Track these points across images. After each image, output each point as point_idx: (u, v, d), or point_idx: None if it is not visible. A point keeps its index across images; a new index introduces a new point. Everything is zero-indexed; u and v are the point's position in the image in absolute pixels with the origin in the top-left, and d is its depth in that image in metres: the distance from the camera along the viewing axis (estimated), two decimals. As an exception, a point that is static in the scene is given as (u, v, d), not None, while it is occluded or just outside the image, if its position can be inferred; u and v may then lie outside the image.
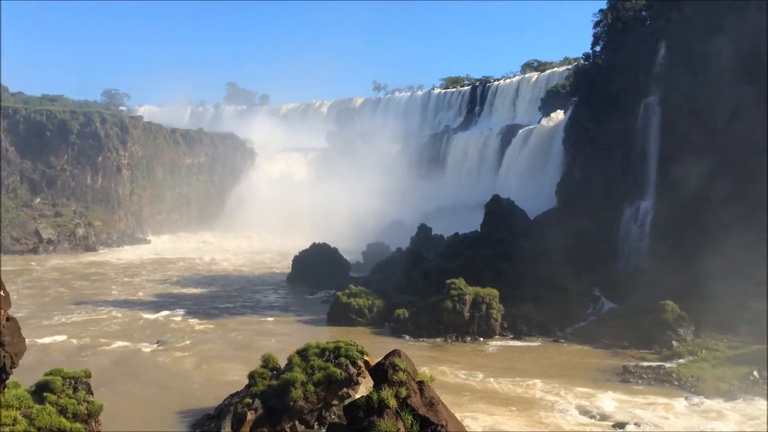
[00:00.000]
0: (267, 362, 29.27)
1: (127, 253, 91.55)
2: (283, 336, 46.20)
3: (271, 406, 26.89)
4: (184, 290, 64.11)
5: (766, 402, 32.72)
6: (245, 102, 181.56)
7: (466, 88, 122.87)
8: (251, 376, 28.50)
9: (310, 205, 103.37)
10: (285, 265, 74.37)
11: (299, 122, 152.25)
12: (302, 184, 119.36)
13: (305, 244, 70.91)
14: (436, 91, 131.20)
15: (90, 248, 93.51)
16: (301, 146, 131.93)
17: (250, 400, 27.05)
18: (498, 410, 31.61)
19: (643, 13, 64.97)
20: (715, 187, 51.06)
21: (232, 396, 29.10)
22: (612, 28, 66.34)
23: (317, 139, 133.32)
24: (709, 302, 44.44)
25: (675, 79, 56.39)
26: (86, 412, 22.29)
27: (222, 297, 60.83)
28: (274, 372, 28.69)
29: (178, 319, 51.60)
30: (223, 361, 39.88)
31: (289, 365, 28.29)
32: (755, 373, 35.49)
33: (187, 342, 44.61)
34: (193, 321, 50.77)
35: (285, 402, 26.65)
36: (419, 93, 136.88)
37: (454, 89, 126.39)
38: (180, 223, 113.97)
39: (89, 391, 23.84)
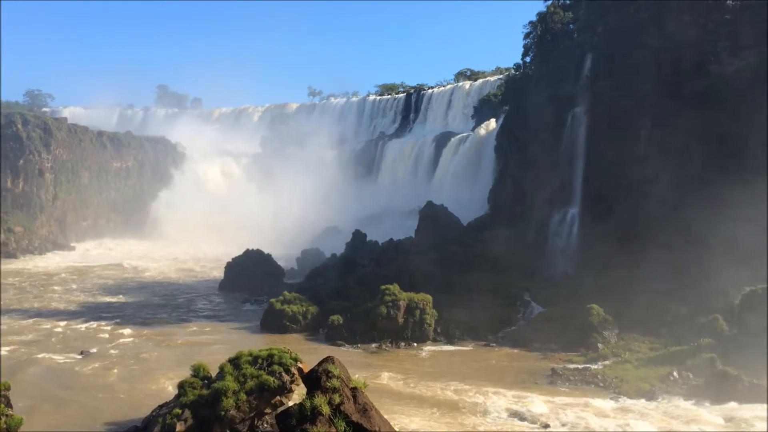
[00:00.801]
0: (197, 371, 28.62)
1: (50, 261, 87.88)
2: (214, 344, 45.33)
3: (201, 417, 26.31)
4: (112, 298, 62.06)
5: (684, 401, 34.28)
6: (176, 105, 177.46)
7: (400, 95, 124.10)
8: (181, 385, 27.80)
9: (244, 211, 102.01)
10: (217, 272, 73.04)
11: (232, 127, 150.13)
12: (235, 189, 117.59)
13: (238, 251, 69.87)
14: (371, 97, 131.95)
15: (10, 255, 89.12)
16: (234, 151, 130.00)
17: (180, 411, 26.39)
18: (430, 414, 31.95)
19: (571, 26, 67.29)
20: (637, 195, 53.25)
21: (160, 407, 28.31)
22: (541, 40, 68.42)
23: (251, 144, 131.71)
24: (632, 306, 46.26)
25: (600, 90, 58.55)
26: (5, 427, 21.29)
27: (151, 305, 59.17)
28: (205, 381, 28.09)
29: (106, 328, 49.89)
30: (152, 371, 38.79)
31: (221, 374, 27.76)
32: (675, 373, 37.09)
33: (115, 352, 43.19)
34: (120, 330, 49.17)
35: (216, 412, 26.13)
36: (354, 99, 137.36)
37: (389, 96, 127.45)
38: (107, 229, 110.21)
39: (8, 405, 22.79)
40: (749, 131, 48.60)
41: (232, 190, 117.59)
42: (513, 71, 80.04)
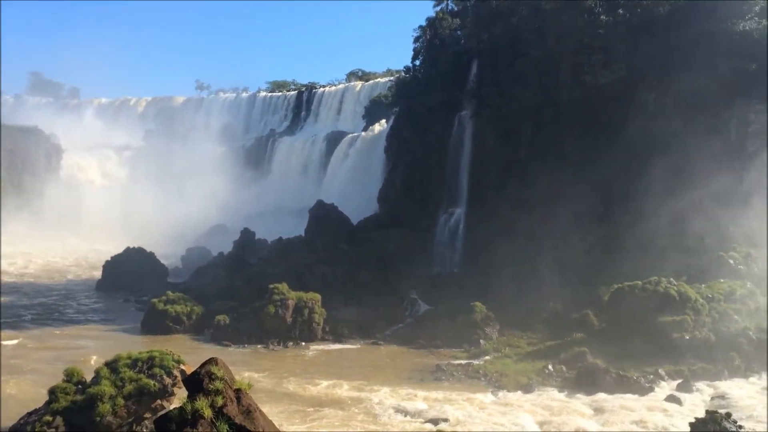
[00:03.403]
0: (71, 376, 27.04)
1: None
2: (91, 347, 43.06)
3: (74, 424, 24.93)
4: (-26, 300, 57.42)
5: (558, 392, 36.29)
6: (51, 94, 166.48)
7: (292, 92, 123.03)
8: (52, 391, 26.16)
9: (125, 208, 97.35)
10: (95, 272, 69.32)
11: (113, 119, 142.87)
12: (116, 184, 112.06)
13: (118, 249, 66.65)
14: (262, 94, 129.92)
15: None
16: (115, 144, 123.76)
17: (51, 418, 24.87)
18: (316, 413, 31.97)
19: (458, 32, 69.37)
20: (518, 197, 55.80)
21: (29, 414, 26.51)
22: (430, 45, 70.06)
23: (134, 137, 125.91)
24: (512, 303, 48.40)
25: (486, 96, 60.84)
26: None
27: (22, 306, 55.25)
28: (80, 386, 26.61)
29: (-33, 332, 46.10)
30: (21, 377, 36.25)
31: (96, 378, 26.42)
32: (550, 366, 39.20)
33: (-23, 357, 40.02)
34: (-15, 334, 45.62)
35: (91, 418, 24.86)
36: (244, 95, 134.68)
37: (280, 93, 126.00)
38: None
39: None
40: (618, 138, 52.16)
41: (112, 185, 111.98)
42: (403, 74, 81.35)
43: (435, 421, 31.34)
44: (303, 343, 46.35)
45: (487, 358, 42.69)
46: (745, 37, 51.44)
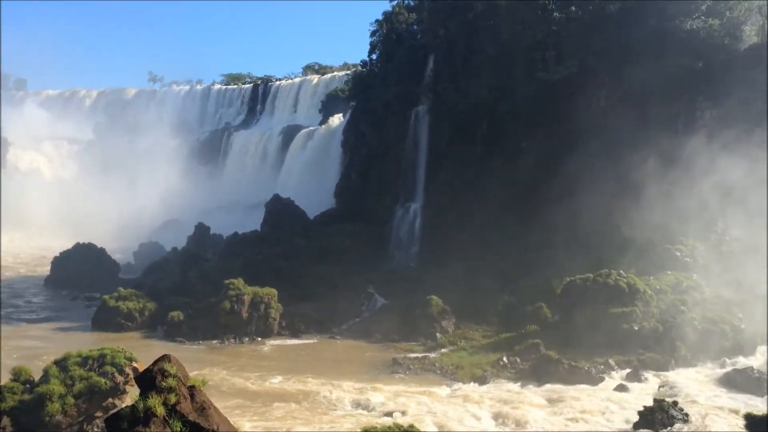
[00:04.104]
0: (18, 375, 26.28)
1: None
2: (40, 346, 41.86)
3: (22, 424, 24.27)
4: None
5: (513, 384, 36.86)
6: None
7: (247, 85, 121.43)
8: (-2, 391, 25.46)
9: (73, 202, 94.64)
10: (42, 268, 67.39)
11: (62, 111, 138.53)
12: (64, 178, 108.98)
13: (67, 245, 64.95)
14: (217, 86, 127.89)
15: None
16: (63, 137, 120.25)
17: (-3, 419, 24.18)
18: (271, 409, 31.80)
19: (415, 27, 69.56)
20: (475, 191, 56.40)
21: (-27, 416, 25.74)
22: (387, 39, 70.12)
23: (83, 130, 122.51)
24: (468, 296, 48.89)
25: (442, 91, 61.23)
26: None
27: (-37, 305, 53.40)
28: (27, 386, 25.89)
29: None
30: (-36, 378, 35.08)
31: (45, 377, 25.77)
32: (504, 358, 39.73)
33: None
34: (-76, 334, 43.91)
35: (40, 418, 24.24)
36: (198, 87, 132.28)
37: (235, 86, 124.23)
38: None
39: None
40: (570, 134, 53.15)
41: (60, 179, 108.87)
42: (360, 68, 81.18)
43: (391, 414, 31.50)
44: (259, 339, 46.00)
45: (443, 351, 43.06)
46: (692, 35, 52.93)
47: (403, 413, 31.65)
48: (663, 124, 52.01)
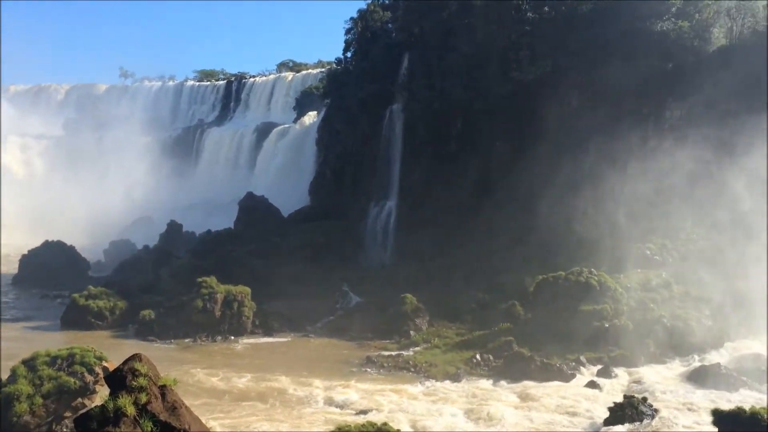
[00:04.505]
0: (-16, 376, 25.86)
1: None
2: (8, 345, 40.79)
3: (-11, 425, 23.86)
4: None
5: (486, 381, 37.12)
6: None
7: (221, 82, 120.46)
8: (-36, 392, 24.96)
9: (43, 199, 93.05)
10: (9, 267, 66.07)
11: (31, 106, 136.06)
12: (33, 175, 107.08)
13: (36, 242, 63.86)
14: (190, 83, 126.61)
15: None
16: (33, 133, 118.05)
17: (-37, 421, 23.71)
18: (244, 408, 31.65)
19: (390, 25, 69.60)
20: (450, 190, 56.67)
21: (-62, 418, 25.21)
22: (362, 37, 70.07)
23: (53, 125, 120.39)
24: (442, 294, 49.12)
25: (417, 89, 61.36)
26: None
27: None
28: (-6, 386, 25.47)
29: None
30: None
31: (13, 377, 25.32)
32: (477, 356, 39.97)
33: None
34: None
35: (7, 418, 23.82)
36: (171, 83, 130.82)
37: (208, 82, 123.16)
38: None
39: None
40: (543, 133, 53.62)
41: (29, 175, 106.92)
42: (335, 65, 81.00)
43: (365, 412, 31.52)
44: (232, 337, 45.70)
45: (417, 348, 43.18)
46: (663, 37, 53.73)
47: (377, 411, 31.70)
48: (634, 123, 52.69)
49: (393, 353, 42.15)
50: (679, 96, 52.74)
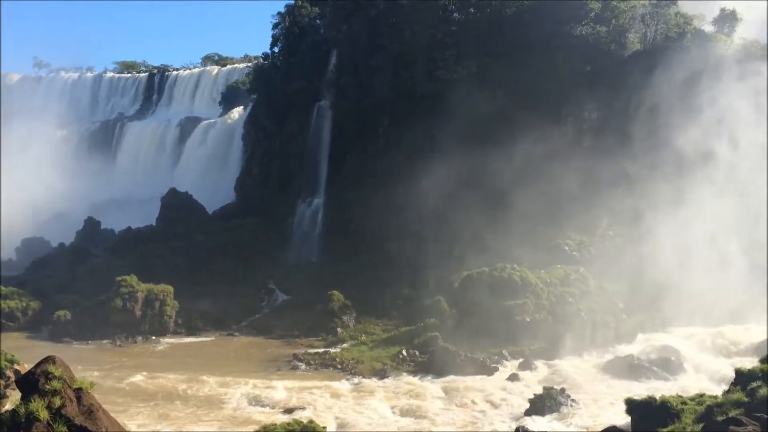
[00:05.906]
0: None
1: None
2: None
3: None
4: None
5: (412, 376, 37.58)
6: None
7: (142, 74, 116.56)
8: None
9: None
10: None
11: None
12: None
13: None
14: (109, 74, 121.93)
15: None
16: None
17: None
18: (167, 409, 30.92)
19: (318, 21, 69.16)
20: (376, 187, 56.84)
21: None
22: (289, 32, 69.31)
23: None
24: (368, 291, 49.30)
25: (344, 87, 61.30)
26: None
27: None
28: None
29: None
30: None
31: None
32: (404, 351, 40.47)
33: None
34: None
35: None
36: (89, 75, 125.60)
37: (129, 75, 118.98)
38: None
39: None
40: (467, 133, 54.49)
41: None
42: (262, 60, 79.79)
43: (291, 411, 31.34)
44: (154, 338, 44.60)
45: (344, 345, 43.27)
46: (581, 40, 55.66)
47: (304, 408, 31.57)
48: (555, 123, 54.26)
49: (320, 350, 42.13)
50: (596, 98, 54.68)
